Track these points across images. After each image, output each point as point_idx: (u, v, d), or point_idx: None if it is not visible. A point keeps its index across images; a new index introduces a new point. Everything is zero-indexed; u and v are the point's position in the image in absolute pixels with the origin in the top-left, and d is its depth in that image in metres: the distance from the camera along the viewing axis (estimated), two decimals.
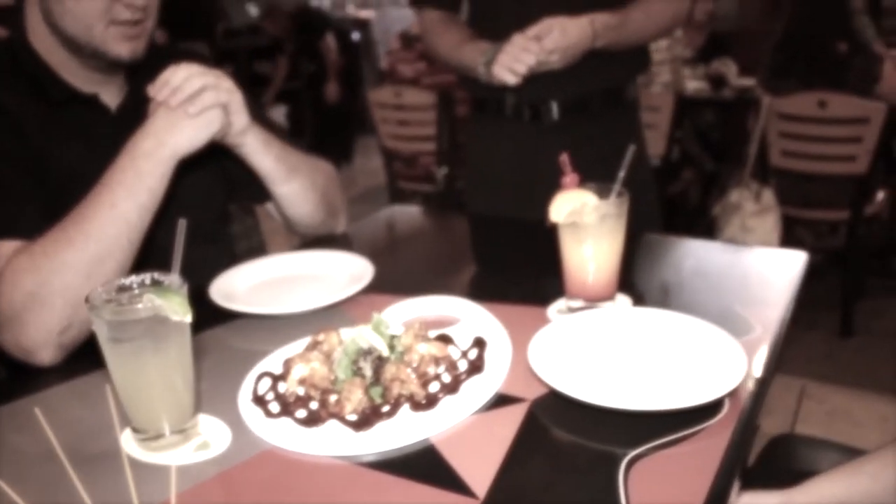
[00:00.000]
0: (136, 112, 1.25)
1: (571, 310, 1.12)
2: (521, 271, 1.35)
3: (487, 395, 0.91)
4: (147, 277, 0.88)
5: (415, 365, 0.93)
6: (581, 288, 1.10)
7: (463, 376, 0.94)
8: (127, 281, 0.87)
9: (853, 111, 2.91)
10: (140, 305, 0.81)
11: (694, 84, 4.03)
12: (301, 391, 0.93)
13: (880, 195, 3.30)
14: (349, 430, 0.86)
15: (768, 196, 3.04)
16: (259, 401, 0.93)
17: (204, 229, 1.47)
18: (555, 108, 1.75)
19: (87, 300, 0.82)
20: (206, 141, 1.20)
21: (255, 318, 1.19)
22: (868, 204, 3.15)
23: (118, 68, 1.34)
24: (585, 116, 1.77)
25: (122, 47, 1.26)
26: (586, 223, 1.06)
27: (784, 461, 1.40)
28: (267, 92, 6.30)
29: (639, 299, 1.16)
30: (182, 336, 0.85)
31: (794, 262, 1.34)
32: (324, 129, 6.34)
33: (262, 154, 1.32)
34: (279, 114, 6.33)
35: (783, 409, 2.74)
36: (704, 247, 1.44)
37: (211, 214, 1.50)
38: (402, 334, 0.99)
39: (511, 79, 1.55)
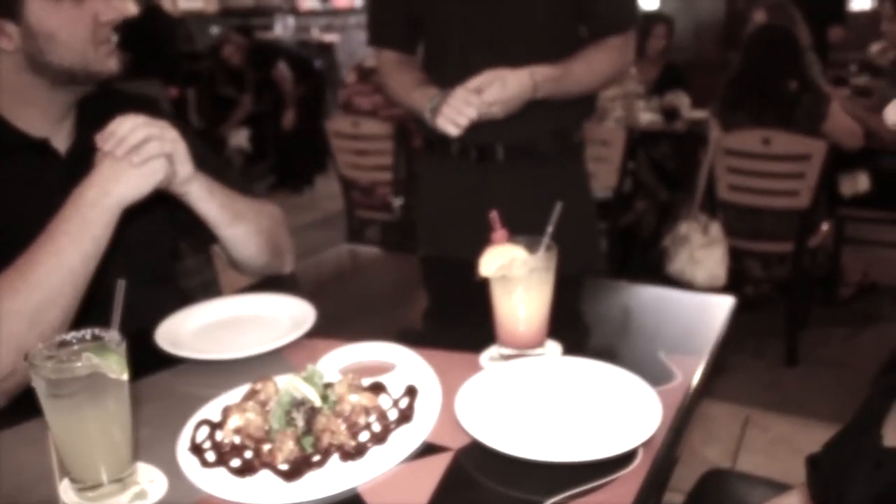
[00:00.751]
0: (86, 156, 1.29)
1: (503, 357, 1.17)
2: (461, 315, 1.40)
3: (414, 445, 0.95)
4: (87, 333, 0.91)
5: (346, 415, 0.97)
6: (511, 336, 1.16)
7: (392, 426, 0.99)
8: (68, 336, 0.91)
9: (796, 148, 3.02)
10: (78, 364, 0.85)
11: (648, 116, 4.13)
12: (237, 440, 0.96)
13: (825, 226, 3.41)
14: (278, 480, 0.90)
15: (716, 229, 3.13)
16: (196, 449, 0.97)
17: (151, 270, 1.50)
18: (500, 151, 1.82)
19: (26, 357, 0.85)
20: (150, 190, 1.24)
21: (199, 363, 1.22)
22: (812, 236, 3.25)
23: (72, 107, 1.38)
24: (532, 158, 1.83)
25: (111, 63, 1.36)
26: (515, 276, 1.11)
27: (715, 498, 1.45)
28: (232, 116, 6.33)
29: (569, 345, 1.22)
30: (120, 391, 0.88)
31: (722, 307, 1.40)
32: (284, 154, 6.38)
33: (207, 201, 1.36)
34: (242, 137, 6.35)
35: (727, 438, 2.81)
36: (636, 291, 1.50)
37: (158, 256, 1.53)
38: (336, 383, 1.03)
39: (453, 130, 1.61)
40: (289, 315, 1.35)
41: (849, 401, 1.65)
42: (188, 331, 1.32)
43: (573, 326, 1.33)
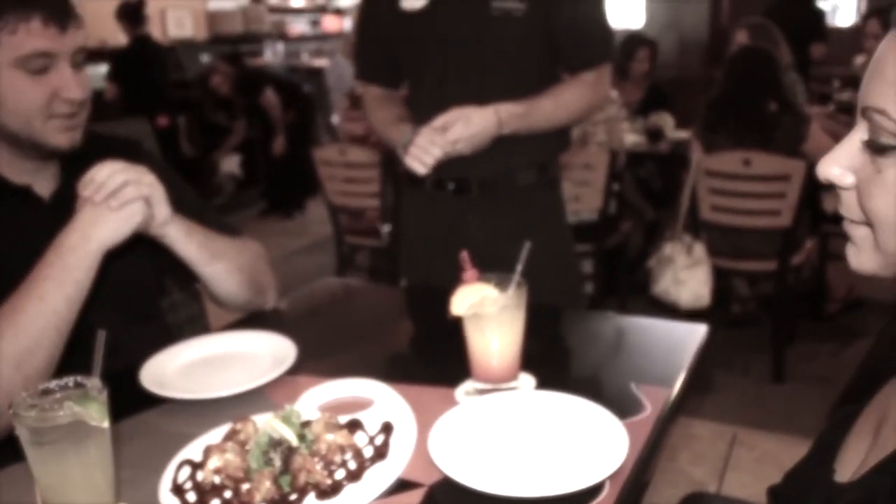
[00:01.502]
0: (69, 201, 1.32)
1: (477, 391, 1.20)
2: (439, 349, 1.43)
3: (388, 482, 0.98)
4: (70, 381, 0.94)
5: (322, 454, 1.00)
6: (485, 372, 1.19)
7: (367, 463, 1.02)
8: (51, 385, 0.94)
9: (776, 169, 3.07)
10: (61, 412, 0.88)
11: (632, 138, 4.19)
12: (217, 480, 0.99)
13: (808, 244, 3.46)
14: None
15: (699, 249, 3.17)
16: (178, 490, 0.99)
17: (136, 310, 1.54)
18: (475, 185, 1.86)
19: (10, 407, 0.88)
20: (129, 233, 1.29)
21: (182, 402, 1.25)
22: (795, 253, 3.30)
23: (53, 158, 1.41)
24: (506, 192, 1.87)
25: (62, 138, 1.35)
26: (487, 314, 1.15)
27: None
28: (224, 144, 6.38)
29: (543, 378, 1.25)
30: (101, 438, 0.92)
31: (695, 335, 1.43)
32: (275, 179, 6.42)
33: (185, 242, 1.39)
34: (233, 163, 6.40)
35: (714, 457, 2.84)
36: (610, 321, 1.54)
37: (142, 295, 1.56)
38: (313, 422, 1.06)
39: (420, 169, 1.67)
40: (270, 353, 1.38)
41: None
42: (172, 370, 1.35)
43: (547, 359, 1.36)
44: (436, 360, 1.38)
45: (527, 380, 1.24)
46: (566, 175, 3.03)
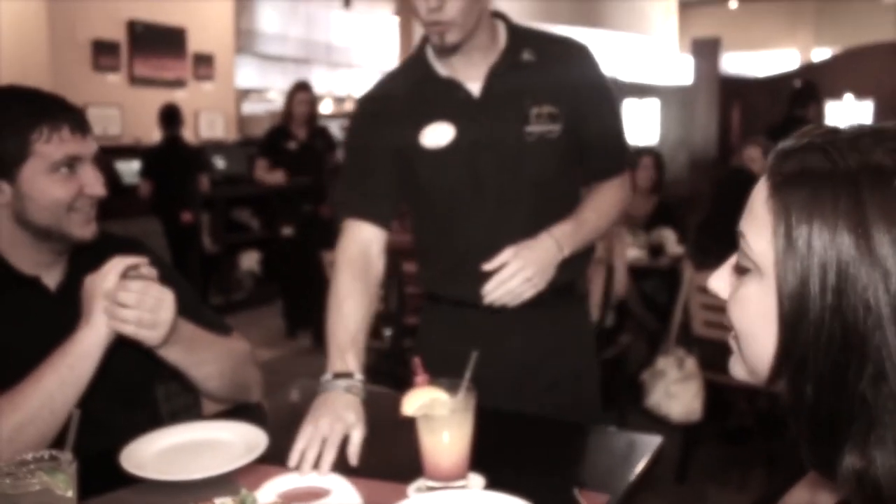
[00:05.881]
0: (75, 293, 1.46)
1: (428, 488, 1.28)
2: (398, 447, 1.48)
3: None
4: (46, 454, 1.05)
5: None
6: (435, 469, 1.27)
7: None
8: (27, 456, 1.04)
9: None
10: (32, 479, 0.98)
11: (635, 252, 4.31)
12: None
13: None
14: None
15: (691, 364, 3.24)
16: None
17: (128, 397, 1.64)
18: (509, 308, 1.70)
19: None
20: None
21: (157, 483, 1.34)
22: None
23: (69, 250, 1.56)
24: (539, 311, 1.75)
25: (85, 231, 1.52)
26: (437, 416, 1.24)
27: None
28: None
29: (493, 478, 1.33)
30: None
31: (649, 446, 1.50)
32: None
33: (169, 349, 1.50)
34: (252, 259, 6.59)
35: None
36: (564, 427, 1.61)
37: (135, 384, 1.66)
38: None
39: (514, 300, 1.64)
40: (244, 441, 1.47)
41: None
42: (150, 453, 1.44)
43: (500, 461, 1.44)
44: (395, 456, 1.46)
45: (476, 480, 1.31)
46: None
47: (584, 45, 1.81)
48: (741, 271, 0.79)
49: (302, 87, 5.59)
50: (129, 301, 1.39)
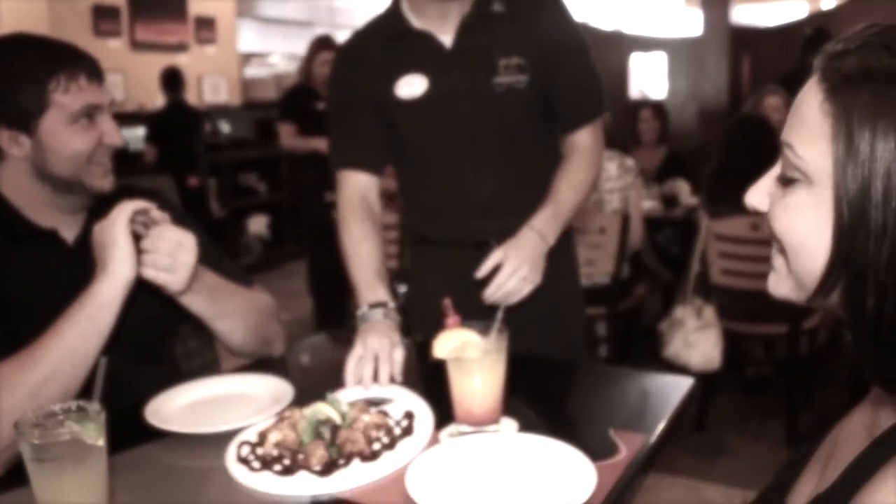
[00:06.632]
0: (92, 246, 1.42)
1: (461, 434, 1.26)
2: (428, 393, 1.49)
3: (418, 450, 1.20)
4: (73, 404, 1.03)
5: (362, 429, 1.20)
6: (468, 414, 1.25)
7: (398, 438, 1.23)
8: (55, 408, 1.02)
9: None
10: (61, 429, 0.96)
11: (648, 203, 4.26)
12: (275, 452, 1.19)
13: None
14: (315, 477, 1.15)
15: (709, 313, 3.21)
16: (243, 461, 1.20)
17: (148, 349, 1.62)
18: (493, 245, 1.76)
19: (16, 426, 0.96)
20: (129, 273, 1.37)
21: (182, 437, 1.32)
22: (807, 318, 3.31)
23: (90, 203, 1.53)
24: None
25: (105, 182, 1.49)
26: (469, 358, 1.21)
27: None
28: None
29: (526, 422, 1.30)
30: (98, 456, 0.99)
31: (679, 387, 1.48)
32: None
33: (197, 301, 1.49)
34: (260, 224, 6.56)
35: None
36: (594, 371, 1.60)
37: (155, 336, 1.64)
38: (350, 408, 1.26)
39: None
40: (269, 394, 1.45)
41: None
42: (174, 407, 1.42)
43: (532, 405, 1.42)
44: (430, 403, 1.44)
45: (509, 424, 1.29)
46: (580, 239, 3.09)
47: None
48: (786, 182, 0.75)
49: (325, 45, 4.80)
50: (145, 245, 1.36)
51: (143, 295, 1.43)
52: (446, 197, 1.85)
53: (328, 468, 1.15)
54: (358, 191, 1.84)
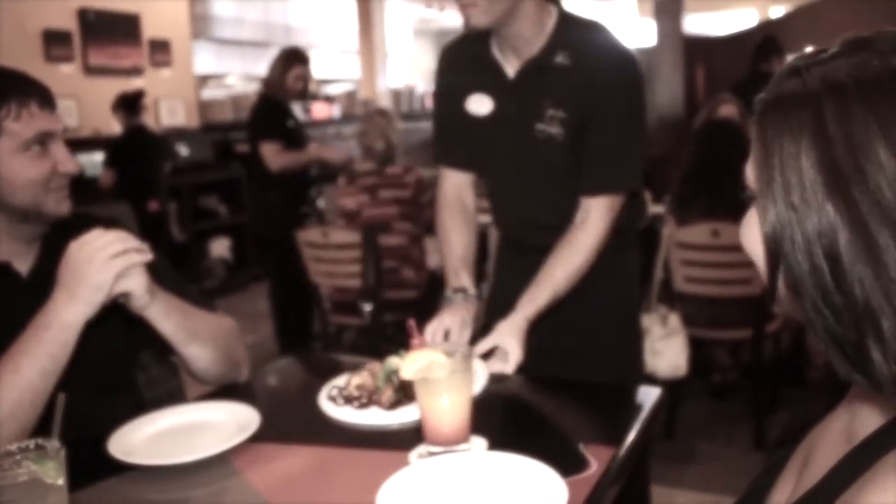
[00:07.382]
0: (47, 277, 1.39)
1: (430, 454, 1.25)
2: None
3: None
4: (31, 443, 1.00)
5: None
6: (437, 434, 1.24)
7: None
8: (12, 447, 0.99)
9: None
10: (19, 470, 0.93)
11: None
12: (356, 392, 1.48)
13: None
14: (385, 412, 1.42)
15: (674, 320, 3.23)
16: (332, 399, 1.50)
17: (109, 382, 1.59)
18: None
19: None
20: (101, 302, 1.35)
21: (148, 469, 1.29)
22: (770, 321, 3.36)
23: (40, 235, 1.49)
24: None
25: (62, 206, 1.47)
26: (436, 378, 1.20)
27: None
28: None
29: (495, 440, 1.30)
30: (59, 495, 0.96)
31: (648, 397, 1.48)
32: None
33: (163, 322, 1.46)
34: (223, 247, 6.50)
35: None
36: (562, 384, 1.59)
37: (115, 368, 1.61)
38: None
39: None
40: (235, 421, 1.43)
41: None
42: (138, 439, 1.39)
43: (500, 422, 1.42)
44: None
45: (479, 442, 1.28)
46: None
47: (625, 58, 1.83)
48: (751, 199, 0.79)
49: (297, 59, 4.56)
50: (109, 237, 1.37)
51: (102, 324, 1.40)
52: (503, 205, 2.05)
53: (394, 405, 1.44)
54: (453, 186, 2.03)
